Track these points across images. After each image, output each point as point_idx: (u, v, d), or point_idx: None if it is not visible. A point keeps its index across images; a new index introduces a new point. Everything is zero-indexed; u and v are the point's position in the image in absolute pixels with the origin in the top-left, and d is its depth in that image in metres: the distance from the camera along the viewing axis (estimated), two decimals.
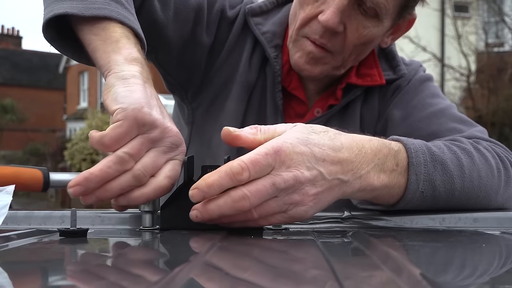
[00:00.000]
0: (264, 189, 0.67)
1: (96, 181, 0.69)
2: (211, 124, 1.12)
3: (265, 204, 0.68)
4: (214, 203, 0.68)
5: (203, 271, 0.50)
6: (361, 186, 0.74)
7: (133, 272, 0.54)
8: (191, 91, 1.13)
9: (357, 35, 1.01)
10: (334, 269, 0.50)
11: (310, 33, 1.01)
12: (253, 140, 0.72)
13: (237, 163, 0.66)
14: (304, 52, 1.03)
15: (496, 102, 9.45)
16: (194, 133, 1.15)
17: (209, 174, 0.67)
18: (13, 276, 0.49)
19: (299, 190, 0.69)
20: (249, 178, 0.66)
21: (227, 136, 0.72)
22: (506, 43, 11.47)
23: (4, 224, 0.70)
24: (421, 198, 0.81)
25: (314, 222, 0.79)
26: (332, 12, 0.97)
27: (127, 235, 0.75)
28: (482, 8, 11.60)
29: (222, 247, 0.62)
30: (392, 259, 0.57)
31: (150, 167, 0.71)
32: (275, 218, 0.71)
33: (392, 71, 1.14)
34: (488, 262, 0.60)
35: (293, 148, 0.68)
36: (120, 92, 0.71)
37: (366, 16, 1.00)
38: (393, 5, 1.00)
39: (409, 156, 0.80)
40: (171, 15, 1.01)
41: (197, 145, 1.14)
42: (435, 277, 0.47)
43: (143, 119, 0.70)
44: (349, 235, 0.72)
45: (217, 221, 0.70)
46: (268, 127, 0.74)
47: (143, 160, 0.71)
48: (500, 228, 0.79)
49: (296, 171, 0.68)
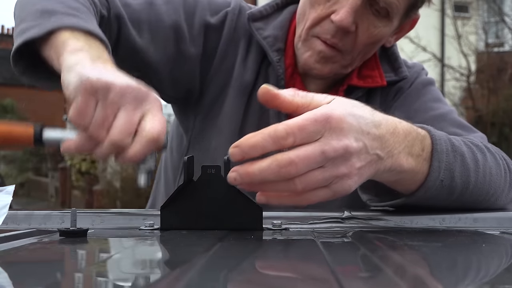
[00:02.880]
0: (312, 156, 0.64)
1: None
2: (210, 129, 1.12)
3: (311, 174, 0.65)
4: (256, 165, 0.64)
5: (203, 271, 0.50)
6: (392, 166, 0.73)
7: (133, 272, 0.54)
8: (193, 99, 1.14)
9: (367, 35, 1.02)
10: (334, 269, 0.50)
11: (321, 32, 1.02)
12: (291, 102, 0.69)
13: (282, 126, 0.64)
14: (314, 51, 1.03)
15: (496, 102, 9.44)
16: (193, 139, 1.15)
17: (251, 135, 0.64)
18: (13, 276, 0.49)
19: (347, 162, 0.66)
20: (293, 144, 0.64)
21: (266, 94, 0.69)
22: (506, 43, 11.46)
23: (4, 224, 0.71)
24: (439, 187, 0.80)
25: (314, 222, 0.79)
26: (346, 11, 0.97)
27: (127, 235, 0.75)
28: (482, 8, 11.58)
29: (222, 247, 0.62)
30: (392, 259, 0.57)
31: (124, 128, 0.69)
32: (317, 194, 0.68)
33: (394, 72, 1.14)
34: (488, 262, 0.60)
35: (344, 117, 0.66)
36: (68, 80, 0.72)
37: (377, 16, 1.01)
38: (404, 5, 1.01)
39: (433, 142, 0.79)
40: (148, 38, 1.02)
41: (196, 150, 1.14)
42: (435, 277, 0.47)
43: (93, 85, 0.69)
44: (349, 235, 0.72)
45: (255, 188, 0.68)
46: (306, 93, 0.70)
47: (115, 125, 0.69)
48: (500, 228, 0.79)
49: (346, 140, 0.66)
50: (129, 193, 8.52)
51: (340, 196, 0.70)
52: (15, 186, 0.75)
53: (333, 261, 0.55)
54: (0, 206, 0.71)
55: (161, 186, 1.25)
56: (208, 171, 0.74)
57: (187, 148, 1.15)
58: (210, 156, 1.10)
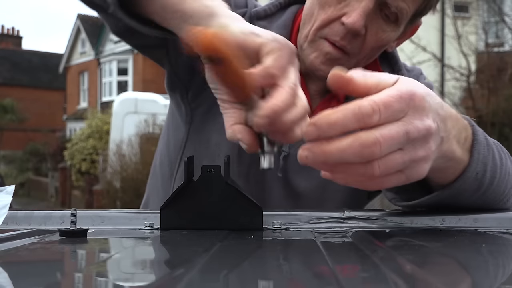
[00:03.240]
0: (397, 137, 0.59)
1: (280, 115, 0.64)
2: (211, 124, 1.12)
3: (391, 157, 0.61)
4: (335, 144, 0.59)
5: (203, 271, 0.50)
6: (446, 151, 0.70)
7: (133, 272, 0.54)
8: (192, 91, 1.13)
9: (375, 39, 1.02)
10: (334, 269, 0.50)
11: (330, 34, 1.02)
12: (365, 85, 0.63)
13: (367, 103, 0.59)
14: (321, 52, 1.04)
15: (496, 102, 9.44)
16: (191, 133, 1.15)
17: (332, 111, 0.59)
18: (13, 276, 0.49)
19: (426, 144, 0.63)
20: (378, 123, 0.59)
21: (339, 80, 0.63)
22: (506, 43, 11.46)
23: (4, 224, 0.71)
24: (474, 180, 0.78)
25: (314, 222, 0.79)
26: (358, 15, 0.97)
27: (127, 235, 0.75)
28: (482, 8, 11.58)
29: (222, 247, 0.62)
30: (392, 259, 0.57)
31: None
32: (391, 179, 0.63)
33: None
34: (488, 262, 0.60)
35: (425, 95, 0.62)
36: (249, 27, 0.71)
37: (386, 21, 1.01)
38: (412, 12, 1.01)
39: (474, 133, 0.77)
40: None
41: (195, 144, 1.14)
42: (435, 277, 0.47)
43: (294, 50, 0.70)
44: (349, 235, 0.72)
45: (327, 168, 0.62)
46: (371, 73, 0.65)
47: (289, 81, 0.67)
48: (500, 228, 0.79)
49: (428, 120, 0.62)
50: (129, 193, 8.53)
51: (413, 181, 0.65)
52: (15, 186, 0.76)
53: (333, 261, 0.55)
54: (0, 206, 0.71)
55: (156, 181, 1.24)
56: (208, 171, 0.74)
57: (186, 140, 1.15)
58: (210, 150, 1.10)
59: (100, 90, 21.19)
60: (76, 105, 23.49)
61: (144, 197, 1.32)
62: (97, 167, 12.32)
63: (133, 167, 8.88)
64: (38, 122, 25.38)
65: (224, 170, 0.74)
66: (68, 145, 13.85)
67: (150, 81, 18.17)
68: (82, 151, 13.07)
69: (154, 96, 10.41)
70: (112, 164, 9.45)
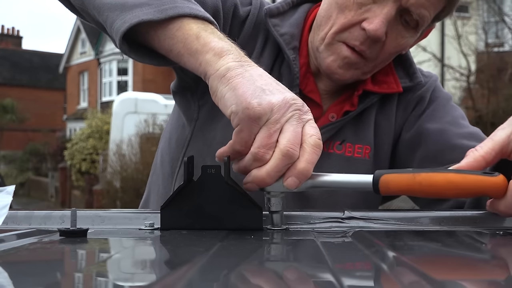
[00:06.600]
0: None
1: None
2: (217, 121, 1.11)
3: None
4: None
5: (203, 271, 0.50)
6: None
7: (133, 272, 0.54)
8: (201, 88, 1.13)
9: (394, 44, 1.03)
10: (334, 269, 0.50)
11: (349, 38, 1.01)
12: (480, 163, 0.77)
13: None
14: (339, 56, 1.03)
15: (496, 102, 9.44)
16: (196, 130, 1.14)
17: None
18: (13, 276, 0.49)
19: None
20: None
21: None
22: (506, 43, 11.46)
23: (4, 224, 0.71)
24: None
25: (314, 222, 0.79)
26: (380, 21, 0.97)
27: (127, 235, 0.75)
28: (482, 8, 11.58)
29: (222, 247, 0.62)
30: (392, 259, 0.57)
31: (293, 141, 0.73)
32: None
33: (408, 78, 1.14)
34: (488, 262, 0.60)
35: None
36: (224, 94, 0.75)
37: (405, 27, 1.01)
38: (432, 18, 1.02)
39: None
40: None
41: (198, 142, 1.13)
42: (435, 277, 0.47)
43: (255, 114, 0.73)
44: (349, 235, 0.72)
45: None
46: (484, 142, 0.78)
47: (284, 136, 0.73)
48: (500, 228, 0.79)
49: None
50: (129, 193, 8.53)
51: None
52: (15, 186, 0.76)
53: (333, 261, 0.55)
54: (0, 206, 0.71)
55: (157, 178, 1.24)
56: (208, 171, 0.74)
57: (189, 138, 1.15)
58: (213, 149, 1.10)
59: (100, 90, 21.19)
60: (76, 105, 23.49)
61: (144, 195, 1.31)
62: (97, 167, 12.32)
63: (133, 167, 8.89)
64: (38, 122, 25.37)
65: (224, 170, 0.74)
66: (68, 145, 13.86)
67: (150, 81, 18.18)
68: (82, 151, 13.08)
69: (154, 96, 10.42)
70: (112, 164, 9.45)
